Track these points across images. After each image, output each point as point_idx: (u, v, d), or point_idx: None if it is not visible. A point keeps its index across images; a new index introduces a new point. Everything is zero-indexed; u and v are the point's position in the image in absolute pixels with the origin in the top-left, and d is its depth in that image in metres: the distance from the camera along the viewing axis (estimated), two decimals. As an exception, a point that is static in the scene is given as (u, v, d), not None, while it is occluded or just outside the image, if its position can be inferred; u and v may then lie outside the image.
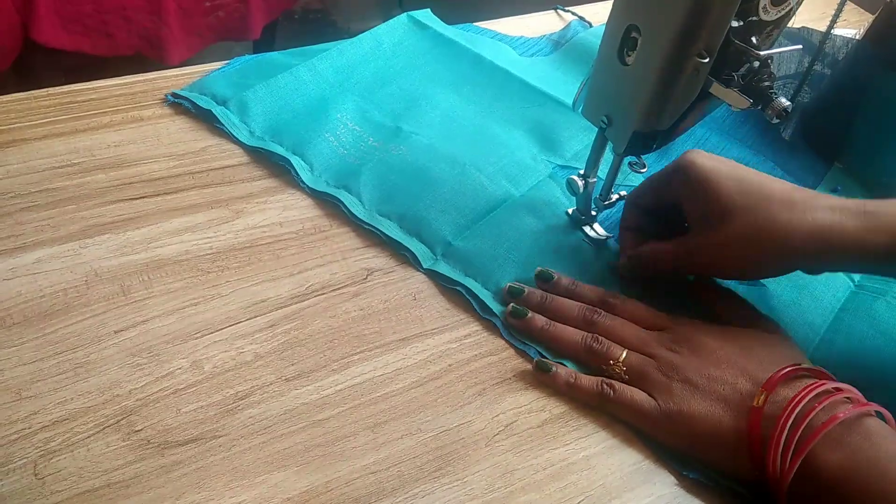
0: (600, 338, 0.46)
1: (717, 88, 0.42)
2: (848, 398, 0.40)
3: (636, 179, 0.59)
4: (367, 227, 0.53)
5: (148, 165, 0.55)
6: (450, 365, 0.46)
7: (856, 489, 0.37)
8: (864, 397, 0.40)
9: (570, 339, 0.47)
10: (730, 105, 0.42)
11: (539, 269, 0.51)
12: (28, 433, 0.39)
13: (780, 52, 0.42)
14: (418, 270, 0.51)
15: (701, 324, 0.47)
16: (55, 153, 0.54)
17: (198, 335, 0.45)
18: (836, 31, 0.65)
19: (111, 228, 0.50)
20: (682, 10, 0.39)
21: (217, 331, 0.45)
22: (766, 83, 0.42)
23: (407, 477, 0.40)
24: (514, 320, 0.48)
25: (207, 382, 0.43)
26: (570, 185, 0.52)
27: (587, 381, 0.45)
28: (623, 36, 0.43)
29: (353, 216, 0.53)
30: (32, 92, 0.58)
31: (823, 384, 0.40)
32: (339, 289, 0.49)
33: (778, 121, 0.42)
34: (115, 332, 0.44)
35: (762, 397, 0.40)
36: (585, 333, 0.47)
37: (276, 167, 0.57)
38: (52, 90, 0.59)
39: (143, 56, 1.20)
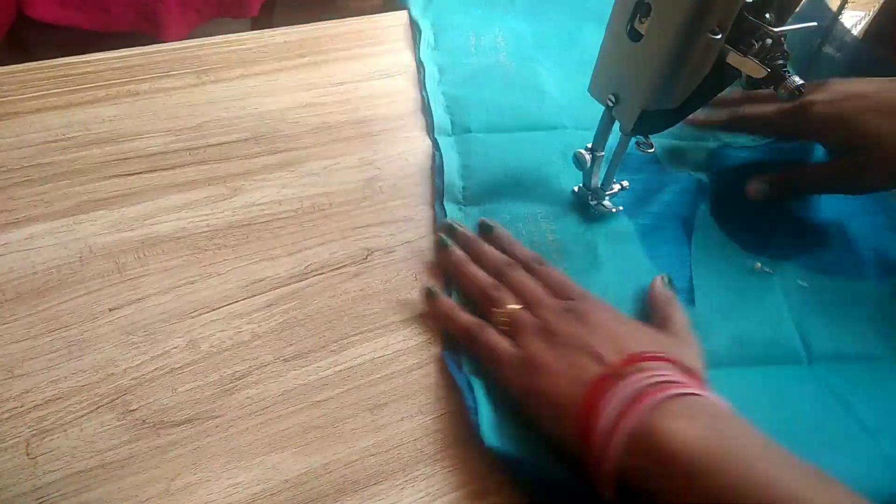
0: (501, 286, 0.46)
1: (734, 58, 0.41)
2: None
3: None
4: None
5: (144, 141, 0.53)
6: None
7: (705, 461, 0.33)
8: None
9: (477, 279, 0.47)
10: (746, 76, 0.41)
11: (481, 219, 0.51)
12: (20, 411, 0.38)
13: (794, 29, 0.41)
14: (419, 250, 0.50)
15: (608, 305, 0.45)
16: (49, 127, 0.53)
17: (194, 314, 0.44)
18: (846, 13, 0.64)
19: (106, 204, 0.49)
20: (696, -16, 0.38)
21: (214, 310, 0.44)
22: (780, 61, 0.40)
23: (407, 459, 0.40)
24: (438, 249, 0.50)
25: (204, 362, 0.42)
26: (577, 159, 0.51)
27: (464, 317, 0.45)
28: (633, 11, 0.42)
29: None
30: (27, 64, 0.57)
31: (675, 374, 0.37)
32: (338, 268, 0.48)
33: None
34: (110, 310, 0.43)
35: (614, 368, 0.38)
36: (490, 279, 0.47)
37: (277, 143, 0.55)
38: (46, 63, 0.57)
39: (139, 32, 1.17)
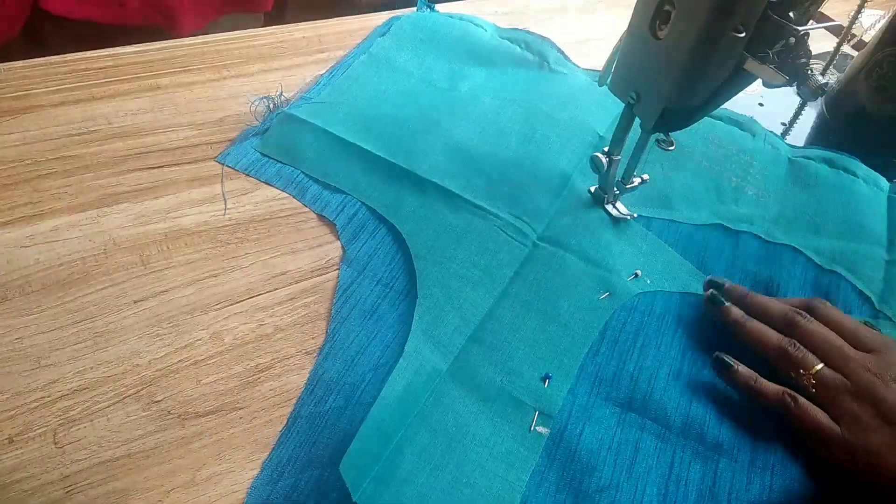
0: (797, 343, 0.42)
1: (751, 64, 0.41)
2: None
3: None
4: None
5: (166, 134, 0.54)
6: (471, 341, 0.45)
7: None
8: None
9: (766, 336, 0.43)
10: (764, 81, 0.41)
11: (710, 278, 0.48)
12: (47, 401, 0.39)
13: (817, 28, 0.41)
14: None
15: None
16: (72, 120, 0.53)
17: (218, 306, 0.44)
18: (865, 12, 0.64)
19: (129, 197, 0.49)
20: (721, -18, 0.38)
21: (237, 302, 0.45)
22: (803, 60, 0.40)
23: (428, 453, 0.40)
24: (710, 307, 0.46)
25: (228, 354, 0.42)
26: (594, 162, 0.51)
27: (770, 387, 0.41)
28: (656, 8, 0.42)
29: None
30: (49, 58, 0.57)
31: None
32: (359, 263, 0.48)
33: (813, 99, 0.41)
34: (135, 302, 0.44)
35: None
36: (782, 336, 0.43)
37: (295, 139, 0.56)
38: (68, 57, 0.58)
39: (153, 26, 1.18)
